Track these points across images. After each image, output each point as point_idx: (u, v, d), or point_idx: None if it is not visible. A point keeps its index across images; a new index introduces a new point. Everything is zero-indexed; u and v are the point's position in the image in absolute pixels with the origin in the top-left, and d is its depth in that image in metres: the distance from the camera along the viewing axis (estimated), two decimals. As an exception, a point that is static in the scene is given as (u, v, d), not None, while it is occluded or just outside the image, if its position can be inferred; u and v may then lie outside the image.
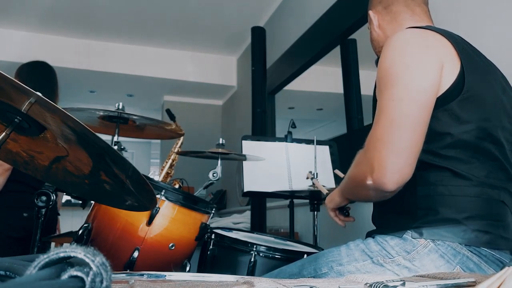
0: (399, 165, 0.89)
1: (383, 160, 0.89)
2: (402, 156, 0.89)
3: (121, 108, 1.56)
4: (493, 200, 0.95)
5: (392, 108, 0.91)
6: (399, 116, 0.90)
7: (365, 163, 0.94)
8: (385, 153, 0.89)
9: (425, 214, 0.95)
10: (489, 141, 0.96)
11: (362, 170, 0.94)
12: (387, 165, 0.88)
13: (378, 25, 1.20)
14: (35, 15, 4.25)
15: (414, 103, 0.91)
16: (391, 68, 0.95)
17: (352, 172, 1.03)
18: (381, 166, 0.89)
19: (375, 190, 0.93)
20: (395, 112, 0.91)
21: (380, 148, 0.90)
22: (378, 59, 1.21)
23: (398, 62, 0.95)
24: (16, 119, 0.81)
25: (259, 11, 4.14)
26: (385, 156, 0.89)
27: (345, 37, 2.74)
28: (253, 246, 1.31)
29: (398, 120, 0.90)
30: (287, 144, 2.22)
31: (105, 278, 0.35)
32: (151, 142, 8.63)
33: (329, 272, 0.99)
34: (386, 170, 0.88)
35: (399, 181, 0.89)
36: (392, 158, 0.88)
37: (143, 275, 0.81)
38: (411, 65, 0.94)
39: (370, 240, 1.00)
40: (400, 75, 0.94)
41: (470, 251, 0.91)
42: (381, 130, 0.92)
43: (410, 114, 0.90)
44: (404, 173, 0.89)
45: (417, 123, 0.91)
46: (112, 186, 0.92)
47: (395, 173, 0.88)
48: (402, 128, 0.90)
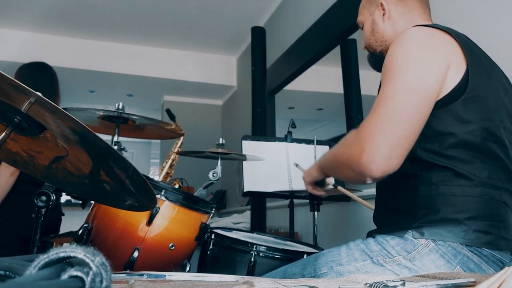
0: (390, 155, 0.88)
1: (376, 147, 0.88)
2: (395, 147, 0.88)
3: (121, 108, 1.56)
4: (495, 201, 0.95)
5: (394, 99, 0.91)
6: (399, 107, 0.90)
7: (356, 145, 0.92)
8: (379, 141, 0.88)
9: (426, 213, 0.95)
10: (492, 141, 0.96)
11: (351, 151, 0.94)
12: (378, 152, 0.88)
13: (389, 16, 1.16)
14: (35, 15, 4.25)
15: (415, 97, 0.91)
16: (397, 62, 0.95)
17: (340, 150, 1.02)
18: (372, 152, 0.88)
19: (359, 174, 0.92)
20: (396, 102, 0.91)
21: (374, 135, 0.89)
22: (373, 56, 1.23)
23: (405, 57, 0.95)
24: (16, 119, 0.81)
25: (259, 11, 4.14)
26: (379, 144, 0.88)
27: (345, 37, 2.74)
28: (253, 246, 1.31)
29: (398, 111, 0.90)
30: (287, 144, 2.22)
31: (105, 278, 0.35)
32: (151, 142, 8.62)
33: (329, 272, 0.99)
34: (377, 157, 0.88)
35: (385, 171, 0.89)
36: (385, 147, 0.88)
37: (143, 275, 0.81)
38: (417, 61, 0.94)
39: (370, 240, 1.00)
40: (405, 69, 0.94)
41: (470, 251, 0.91)
42: (379, 117, 0.91)
43: (410, 107, 0.90)
44: (393, 164, 0.89)
45: (416, 117, 0.91)
46: (112, 186, 0.92)
47: (384, 162, 0.88)
48: (401, 119, 0.89)
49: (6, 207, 1.90)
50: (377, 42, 1.20)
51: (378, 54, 1.20)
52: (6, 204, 1.88)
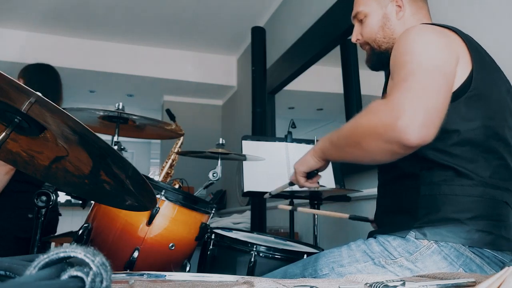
0: (427, 123, 0.80)
1: (414, 112, 0.80)
2: (431, 114, 0.81)
3: (121, 108, 1.56)
4: (496, 201, 0.95)
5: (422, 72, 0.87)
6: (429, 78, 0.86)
7: (389, 111, 0.83)
8: (416, 106, 0.81)
9: (427, 213, 0.95)
10: (496, 139, 0.96)
11: (383, 117, 0.84)
12: (417, 117, 0.80)
13: (403, 15, 1.11)
14: (35, 15, 4.25)
15: (440, 72, 0.88)
16: (414, 49, 0.92)
17: (362, 121, 0.91)
18: (410, 117, 0.79)
19: (392, 142, 0.82)
20: (426, 75, 0.86)
21: (411, 100, 0.82)
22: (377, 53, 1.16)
23: (421, 46, 0.92)
24: (16, 119, 0.81)
25: (259, 11, 4.14)
26: (416, 109, 0.80)
27: (345, 37, 2.74)
28: (253, 246, 1.31)
29: (428, 81, 0.85)
30: (287, 144, 2.22)
31: (105, 278, 0.35)
32: (151, 142, 8.62)
33: (330, 273, 0.99)
34: (415, 122, 0.79)
35: (422, 138, 0.80)
36: (422, 112, 0.80)
37: (143, 275, 0.81)
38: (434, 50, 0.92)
39: (372, 241, 1.00)
40: (425, 49, 0.91)
41: (473, 252, 0.91)
42: (412, 85, 0.84)
43: (438, 80, 0.87)
44: (429, 133, 0.81)
45: (444, 91, 0.86)
46: (112, 186, 0.92)
47: (422, 128, 0.79)
48: (433, 89, 0.84)
49: (0, 207, 1.89)
50: (385, 39, 1.13)
51: (382, 52, 1.15)
52: (0, 204, 1.87)
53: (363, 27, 1.16)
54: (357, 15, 1.17)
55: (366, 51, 1.19)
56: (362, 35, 1.17)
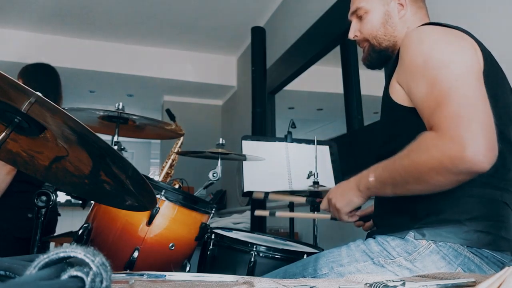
0: (491, 141, 0.79)
1: (477, 137, 0.77)
2: (490, 131, 0.79)
3: (121, 108, 1.56)
4: (496, 201, 0.94)
5: (460, 86, 0.83)
6: (470, 91, 0.83)
7: (449, 142, 0.79)
8: (475, 129, 0.78)
9: (427, 214, 0.94)
10: (501, 140, 0.95)
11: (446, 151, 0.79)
12: (481, 141, 0.77)
13: (405, 14, 1.10)
14: (35, 15, 4.25)
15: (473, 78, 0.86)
16: (434, 56, 0.89)
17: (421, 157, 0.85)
18: (475, 144, 0.77)
19: (462, 173, 0.80)
20: (465, 88, 0.83)
21: (467, 125, 0.78)
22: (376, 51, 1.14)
23: (440, 50, 0.90)
24: (16, 119, 0.81)
25: (259, 11, 4.14)
26: (477, 132, 0.78)
27: (345, 37, 2.74)
28: (253, 246, 1.31)
29: (471, 95, 0.82)
30: (287, 144, 2.22)
31: (105, 278, 0.35)
32: (151, 142, 8.63)
33: (330, 273, 0.99)
34: (482, 147, 0.77)
35: (493, 158, 0.78)
36: (483, 132, 0.78)
37: (143, 275, 0.81)
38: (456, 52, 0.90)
39: (371, 241, 1.00)
40: (447, 61, 0.88)
41: (471, 252, 0.90)
42: (458, 108, 0.81)
43: (478, 88, 0.84)
44: (496, 149, 0.79)
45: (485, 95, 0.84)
46: (112, 186, 0.92)
47: (490, 149, 0.78)
48: (479, 102, 0.81)
49: (0, 207, 1.89)
50: (386, 36, 1.11)
51: (382, 49, 1.13)
52: (0, 204, 1.87)
53: (362, 24, 1.14)
54: (356, 11, 1.15)
55: (364, 48, 1.17)
56: (361, 32, 1.15)
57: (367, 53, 1.17)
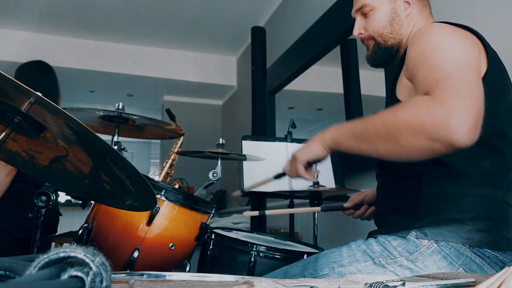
0: (478, 122, 0.77)
1: (467, 110, 0.76)
2: (479, 114, 0.78)
3: (121, 108, 1.56)
4: (498, 201, 0.94)
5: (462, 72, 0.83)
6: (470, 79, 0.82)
7: (438, 106, 0.78)
8: (468, 104, 0.77)
9: (428, 214, 0.94)
10: (502, 139, 0.96)
11: (432, 113, 0.78)
12: (470, 116, 0.76)
13: (411, 12, 1.10)
14: (35, 15, 4.25)
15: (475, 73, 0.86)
16: (440, 47, 0.90)
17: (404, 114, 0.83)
18: (464, 115, 0.76)
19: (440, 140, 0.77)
20: (465, 73, 0.83)
21: (461, 98, 0.78)
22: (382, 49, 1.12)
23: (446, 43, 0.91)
24: (16, 119, 0.81)
25: (259, 11, 4.14)
26: (468, 107, 0.77)
27: (345, 37, 2.74)
28: (253, 246, 1.31)
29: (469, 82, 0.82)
30: (287, 144, 2.22)
31: (105, 278, 0.35)
32: (151, 142, 8.62)
33: (330, 273, 0.99)
34: (468, 121, 0.75)
35: (472, 139, 0.77)
36: (473, 111, 0.77)
37: (143, 275, 0.81)
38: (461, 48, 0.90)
39: (372, 241, 1.00)
40: (453, 51, 0.89)
41: (473, 252, 0.90)
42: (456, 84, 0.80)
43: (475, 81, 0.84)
44: (477, 134, 0.77)
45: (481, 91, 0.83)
46: (112, 186, 0.92)
47: (474, 129, 0.76)
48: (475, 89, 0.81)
49: (0, 207, 1.89)
50: (392, 34, 1.10)
51: (387, 47, 1.12)
52: (0, 204, 1.87)
53: (368, 21, 1.13)
54: (362, 8, 1.13)
55: (368, 46, 1.16)
56: (366, 29, 1.14)
57: (372, 50, 1.15)
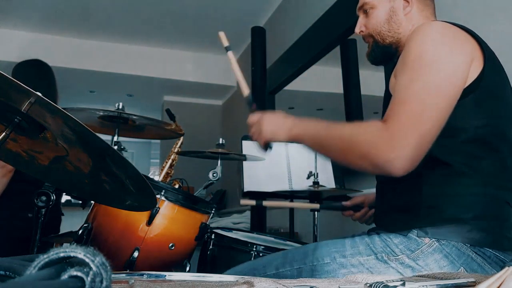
0: (417, 156, 0.86)
1: (408, 147, 0.85)
2: (422, 147, 0.86)
3: (121, 108, 1.56)
4: (498, 200, 0.95)
5: (423, 99, 0.88)
6: (429, 108, 0.87)
7: (386, 140, 0.86)
8: (411, 141, 0.85)
9: (430, 213, 0.94)
10: (501, 139, 0.96)
11: (378, 144, 0.87)
12: (408, 152, 0.85)
13: (410, 10, 1.10)
14: (35, 15, 4.25)
15: (443, 97, 0.89)
16: (425, 55, 0.92)
17: (359, 138, 0.92)
18: (403, 152, 0.84)
19: (377, 168, 0.88)
20: (426, 104, 0.88)
21: (407, 134, 0.85)
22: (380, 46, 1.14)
23: (433, 51, 0.92)
24: (16, 119, 0.81)
25: (259, 11, 4.14)
26: (410, 144, 0.85)
27: (345, 37, 2.74)
28: (253, 246, 1.31)
29: (428, 112, 0.87)
30: (287, 144, 2.22)
31: (105, 278, 0.35)
32: (151, 142, 8.62)
33: (332, 263, 0.98)
34: (406, 157, 0.85)
35: (409, 169, 0.86)
36: (415, 146, 0.85)
37: (143, 275, 0.81)
38: (443, 57, 0.92)
39: (375, 236, 0.99)
40: (434, 65, 0.91)
41: (474, 251, 0.90)
42: (410, 115, 0.87)
43: (439, 108, 0.88)
44: (415, 164, 0.87)
45: (442, 117, 0.89)
46: (112, 186, 0.92)
47: (410, 161, 0.85)
48: (431, 120, 0.87)
49: (0, 207, 1.88)
50: (390, 32, 1.11)
51: (385, 45, 1.13)
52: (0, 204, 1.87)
53: (368, 19, 1.14)
54: (363, 6, 1.15)
55: (368, 43, 1.18)
56: (366, 27, 1.15)
57: (370, 48, 1.17)
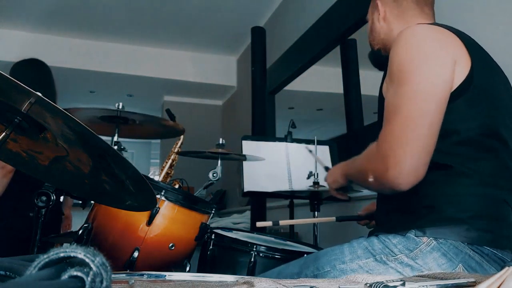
0: (415, 166, 0.88)
1: (399, 161, 0.88)
2: (418, 157, 0.88)
3: (121, 108, 1.56)
4: (496, 200, 0.95)
5: (407, 107, 0.90)
6: (416, 114, 0.89)
7: (379, 162, 0.92)
8: (402, 154, 0.88)
9: (428, 212, 0.95)
10: (494, 139, 0.96)
11: (376, 167, 0.93)
12: (403, 166, 0.88)
13: (384, 17, 1.17)
14: (35, 15, 4.25)
15: (428, 100, 0.90)
16: (407, 64, 0.94)
17: (364, 166, 1.02)
18: (397, 167, 0.88)
19: (388, 188, 0.93)
20: (410, 110, 0.90)
21: (396, 148, 0.89)
22: (372, 53, 1.24)
23: (414, 58, 0.94)
24: (16, 119, 0.81)
25: (259, 11, 4.14)
26: (402, 157, 0.88)
27: (345, 37, 2.74)
28: (253, 246, 1.31)
29: (415, 119, 0.89)
30: (287, 144, 2.22)
31: (105, 278, 0.35)
32: (151, 142, 8.62)
33: (332, 270, 0.99)
34: (402, 171, 0.88)
35: (413, 182, 0.89)
36: (408, 159, 0.88)
37: (143, 275, 0.81)
38: (427, 62, 0.93)
39: (373, 238, 1.00)
40: (413, 71, 0.93)
41: (472, 249, 0.91)
42: (397, 128, 0.90)
43: (427, 112, 0.90)
44: (419, 174, 0.89)
45: (434, 121, 0.90)
46: (112, 186, 0.92)
47: (411, 174, 0.88)
48: (419, 127, 0.89)
49: (0, 207, 1.88)
50: (375, 41, 1.21)
51: (375, 51, 1.23)
52: (0, 204, 1.86)
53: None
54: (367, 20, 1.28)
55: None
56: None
57: (369, 54, 1.28)
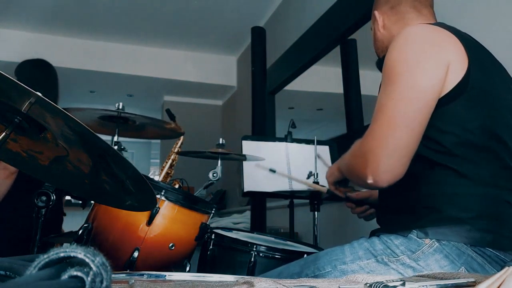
0: (392, 166, 0.92)
1: (376, 160, 0.92)
2: (395, 157, 0.92)
3: (121, 108, 1.56)
4: (498, 200, 0.95)
5: (391, 107, 0.93)
6: (396, 116, 0.92)
7: (360, 158, 0.97)
8: (379, 153, 0.92)
9: (429, 213, 0.95)
10: (494, 140, 0.96)
11: (358, 162, 0.99)
12: (379, 165, 0.92)
13: (383, 26, 1.19)
14: (35, 15, 4.25)
15: (413, 103, 0.92)
16: (394, 65, 0.96)
17: (349, 161, 1.07)
18: (374, 165, 0.92)
19: (368, 184, 0.97)
20: (393, 112, 0.92)
21: (375, 147, 0.93)
22: (379, 60, 1.23)
23: (402, 60, 0.95)
24: (16, 119, 0.81)
25: (259, 11, 4.14)
26: (379, 156, 0.92)
27: (345, 37, 2.74)
28: (253, 246, 1.31)
29: (395, 120, 0.92)
30: (287, 144, 2.22)
31: (105, 278, 0.35)
32: (151, 142, 8.63)
33: (333, 271, 0.99)
34: (379, 170, 0.92)
35: (390, 180, 0.93)
36: (384, 158, 0.92)
37: (143, 275, 0.81)
38: (418, 64, 0.94)
39: (374, 239, 1.00)
40: (402, 73, 0.94)
41: (474, 251, 0.91)
42: (379, 127, 0.94)
43: (410, 115, 0.91)
44: (396, 173, 0.93)
45: (414, 124, 0.92)
46: (112, 186, 0.92)
47: (387, 172, 0.92)
48: (398, 129, 0.91)
49: (0, 207, 1.88)
50: (379, 49, 1.23)
51: (382, 59, 1.21)
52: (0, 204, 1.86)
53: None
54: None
55: None
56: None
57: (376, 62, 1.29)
